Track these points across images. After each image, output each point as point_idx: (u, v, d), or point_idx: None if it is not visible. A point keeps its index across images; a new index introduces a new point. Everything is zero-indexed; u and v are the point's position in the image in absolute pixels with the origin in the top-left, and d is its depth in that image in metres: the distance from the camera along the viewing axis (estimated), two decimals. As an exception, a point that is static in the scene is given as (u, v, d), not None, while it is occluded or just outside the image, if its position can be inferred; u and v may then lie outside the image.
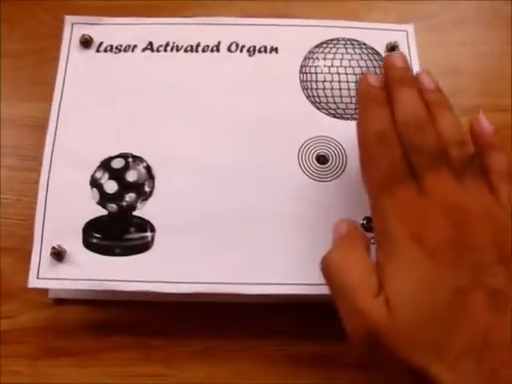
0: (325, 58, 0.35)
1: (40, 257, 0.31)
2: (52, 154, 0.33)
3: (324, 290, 0.29)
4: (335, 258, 0.26)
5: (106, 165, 0.33)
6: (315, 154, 0.33)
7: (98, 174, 0.32)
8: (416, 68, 0.36)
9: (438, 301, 0.22)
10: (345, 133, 0.33)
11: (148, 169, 0.33)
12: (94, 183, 0.32)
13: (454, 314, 0.22)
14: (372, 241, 0.31)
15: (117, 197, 0.32)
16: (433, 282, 0.23)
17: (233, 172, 0.33)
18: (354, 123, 0.33)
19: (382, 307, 0.23)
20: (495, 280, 0.23)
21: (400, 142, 0.26)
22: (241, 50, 0.36)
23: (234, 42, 0.36)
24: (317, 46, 0.36)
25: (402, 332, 0.22)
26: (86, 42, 0.36)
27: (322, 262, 0.26)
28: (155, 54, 0.36)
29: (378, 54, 0.36)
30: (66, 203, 0.32)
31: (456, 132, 0.27)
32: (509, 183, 0.26)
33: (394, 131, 0.26)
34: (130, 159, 0.33)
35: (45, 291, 0.33)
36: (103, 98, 0.34)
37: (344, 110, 0.34)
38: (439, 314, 0.22)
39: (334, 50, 0.35)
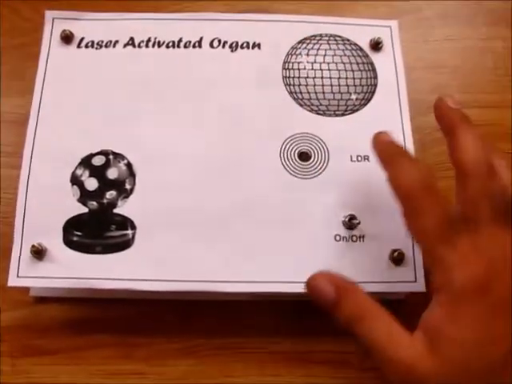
0: (308, 54, 0.35)
1: (20, 255, 0.31)
2: (32, 151, 0.33)
3: (299, 287, 0.29)
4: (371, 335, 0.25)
5: (86, 162, 0.32)
6: (297, 151, 0.33)
7: (79, 172, 0.32)
8: (399, 64, 0.35)
9: (493, 357, 0.23)
10: (327, 130, 0.33)
11: (129, 166, 0.32)
12: (75, 180, 0.32)
13: (507, 371, 0.23)
14: (353, 238, 0.31)
15: (97, 194, 0.32)
16: (490, 339, 0.23)
17: (214, 169, 0.32)
18: (336, 120, 0.34)
19: (427, 358, 0.23)
20: None
21: (467, 183, 0.25)
22: (223, 46, 0.35)
23: (216, 38, 0.35)
24: (300, 42, 0.35)
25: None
26: (66, 38, 0.35)
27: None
28: (137, 49, 0.35)
29: (361, 49, 0.36)
30: (47, 201, 0.32)
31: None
32: None
33: (432, 176, 0.26)
34: (111, 156, 0.32)
35: (26, 289, 0.33)
36: (84, 95, 0.34)
37: (327, 106, 0.34)
38: (491, 370, 0.23)
39: (317, 46, 0.35)
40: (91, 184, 0.32)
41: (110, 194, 0.32)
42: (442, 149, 0.36)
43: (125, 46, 0.35)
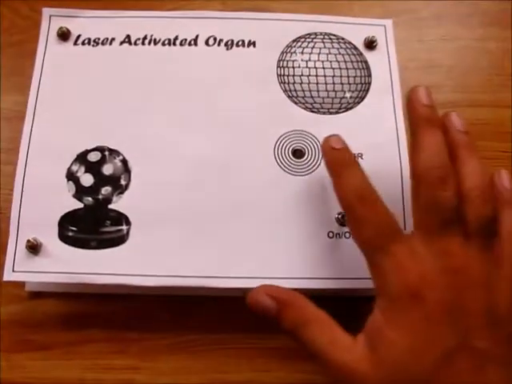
0: (302, 53, 0.35)
1: (15, 250, 0.31)
2: (28, 146, 0.33)
3: (292, 283, 0.29)
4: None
5: (82, 158, 0.33)
6: (291, 148, 0.33)
7: (75, 167, 0.32)
8: (393, 63, 0.36)
9: (425, 361, 0.24)
10: (321, 127, 0.33)
11: (124, 162, 0.32)
12: (70, 176, 0.32)
13: (438, 374, 0.23)
14: (347, 235, 0.31)
15: (93, 190, 0.32)
16: (424, 343, 0.24)
17: (209, 165, 0.33)
18: (330, 117, 0.34)
19: (366, 360, 0.24)
20: (481, 343, 0.24)
21: (417, 189, 0.26)
22: (218, 44, 0.35)
23: (211, 36, 0.36)
24: (294, 41, 0.36)
25: None
26: (63, 35, 0.35)
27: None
28: (133, 47, 0.35)
29: (355, 48, 0.36)
30: (42, 196, 0.32)
31: (479, 183, 0.26)
32: None
33: (372, 186, 0.26)
34: (107, 152, 0.33)
35: (21, 284, 0.33)
36: (80, 91, 0.34)
37: (321, 104, 0.34)
38: (423, 373, 0.23)
39: (311, 45, 0.35)
40: (87, 180, 0.32)
41: (106, 190, 0.32)
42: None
43: (121, 43, 0.36)
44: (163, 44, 0.36)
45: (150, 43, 0.35)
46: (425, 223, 0.26)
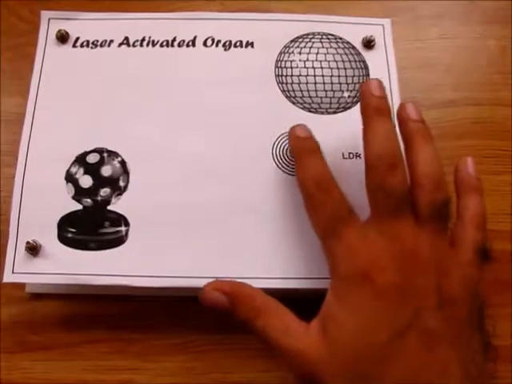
0: (300, 53, 0.35)
1: (15, 251, 0.31)
2: (28, 149, 0.33)
3: (298, 283, 0.30)
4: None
5: (81, 160, 0.33)
6: (289, 148, 0.33)
7: (74, 169, 0.32)
8: (392, 63, 0.36)
9: (375, 341, 0.24)
10: (319, 127, 0.33)
11: (123, 163, 0.33)
12: (70, 178, 0.32)
13: (389, 354, 0.24)
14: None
15: (92, 191, 0.32)
16: (373, 324, 0.24)
17: (208, 166, 0.33)
18: (329, 117, 0.34)
19: (320, 344, 0.24)
20: (431, 323, 0.24)
21: (368, 175, 0.26)
22: (216, 45, 0.36)
23: (209, 37, 0.36)
24: (292, 41, 0.36)
25: (338, 368, 0.24)
26: (62, 37, 0.35)
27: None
28: (131, 48, 0.35)
29: (353, 48, 0.36)
30: (42, 198, 0.32)
31: (433, 168, 0.27)
32: (477, 230, 0.27)
33: (330, 174, 0.27)
34: (105, 154, 0.33)
35: (22, 286, 0.33)
36: (79, 93, 0.34)
37: (319, 104, 0.34)
38: (374, 353, 0.24)
39: (309, 45, 0.35)
40: (86, 181, 0.32)
41: (104, 192, 0.32)
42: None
43: (119, 45, 0.36)
44: (161, 45, 0.36)
45: (148, 45, 0.36)
46: (376, 208, 0.26)
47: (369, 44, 0.35)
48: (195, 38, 0.36)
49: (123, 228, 0.31)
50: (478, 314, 0.26)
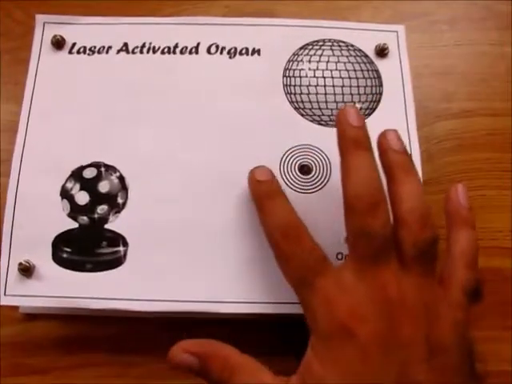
0: (310, 61, 0.34)
1: (7, 272, 0.30)
2: (21, 162, 0.31)
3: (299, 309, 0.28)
4: None
5: (77, 174, 0.31)
6: (298, 163, 0.31)
7: (69, 185, 0.31)
8: (406, 72, 0.34)
9: None
10: (330, 141, 0.31)
11: (121, 179, 0.31)
12: (65, 194, 0.31)
13: None
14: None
15: (88, 209, 0.30)
16: (359, 382, 0.22)
17: (210, 183, 0.31)
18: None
19: None
20: (421, 377, 0.22)
21: (347, 216, 0.25)
22: (221, 52, 0.34)
23: (214, 44, 0.34)
24: (301, 48, 0.34)
25: None
26: (57, 43, 0.34)
27: None
28: (131, 55, 0.34)
29: (366, 56, 0.34)
30: (35, 215, 0.30)
31: (418, 204, 0.25)
32: (467, 268, 0.25)
33: (298, 220, 0.25)
34: (103, 169, 0.31)
35: (15, 306, 0.32)
36: (75, 103, 0.33)
37: (329, 116, 0.32)
38: None
39: (319, 52, 0.34)
40: (82, 198, 0.31)
41: (102, 209, 0.30)
42: (450, 159, 0.35)
43: (118, 51, 0.34)
44: (162, 52, 0.34)
45: (148, 51, 0.34)
46: (356, 253, 0.24)
47: (382, 52, 0.34)
48: (198, 44, 0.34)
49: (121, 248, 0.30)
50: (468, 360, 0.24)
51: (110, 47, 0.34)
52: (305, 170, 0.31)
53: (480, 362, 0.25)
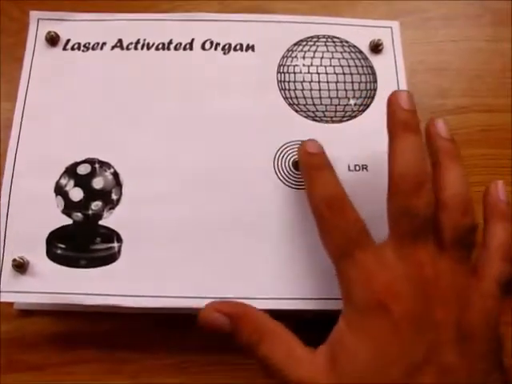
0: (304, 57, 0.33)
1: (2, 269, 0.29)
2: (15, 159, 0.31)
3: (298, 304, 0.28)
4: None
5: (71, 171, 0.31)
6: (292, 159, 0.31)
7: (63, 181, 0.31)
8: (401, 68, 0.34)
9: (389, 375, 0.22)
10: (324, 137, 0.31)
11: (115, 175, 0.31)
12: (59, 190, 0.31)
13: None
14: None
15: (82, 205, 0.30)
16: (388, 356, 0.23)
17: (205, 178, 0.31)
18: (333, 126, 0.32)
19: (327, 374, 0.23)
20: (448, 358, 0.22)
21: (391, 195, 0.25)
22: (215, 48, 0.34)
23: (208, 40, 0.34)
24: (296, 44, 0.34)
25: None
26: (52, 40, 0.34)
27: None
28: (125, 52, 0.34)
29: (360, 52, 0.34)
30: (29, 212, 0.30)
31: (461, 191, 0.25)
32: (503, 260, 0.26)
33: (343, 192, 0.26)
34: (97, 165, 0.31)
35: (10, 302, 0.32)
36: (70, 99, 0.33)
37: (323, 112, 0.32)
38: None
39: (313, 48, 0.34)
40: (76, 194, 0.31)
41: (96, 205, 0.30)
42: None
43: (112, 47, 0.34)
44: (157, 48, 0.34)
45: (142, 48, 0.34)
46: (397, 231, 0.25)
47: (376, 48, 0.34)
48: (193, 40, 0.34)
49: (116, 244, 0.30)
50: (496, 350, 0.24)
51: (104, 43, 0.34)
52: (299, 165, 0.31)
53: (507, 357, 0.25)
